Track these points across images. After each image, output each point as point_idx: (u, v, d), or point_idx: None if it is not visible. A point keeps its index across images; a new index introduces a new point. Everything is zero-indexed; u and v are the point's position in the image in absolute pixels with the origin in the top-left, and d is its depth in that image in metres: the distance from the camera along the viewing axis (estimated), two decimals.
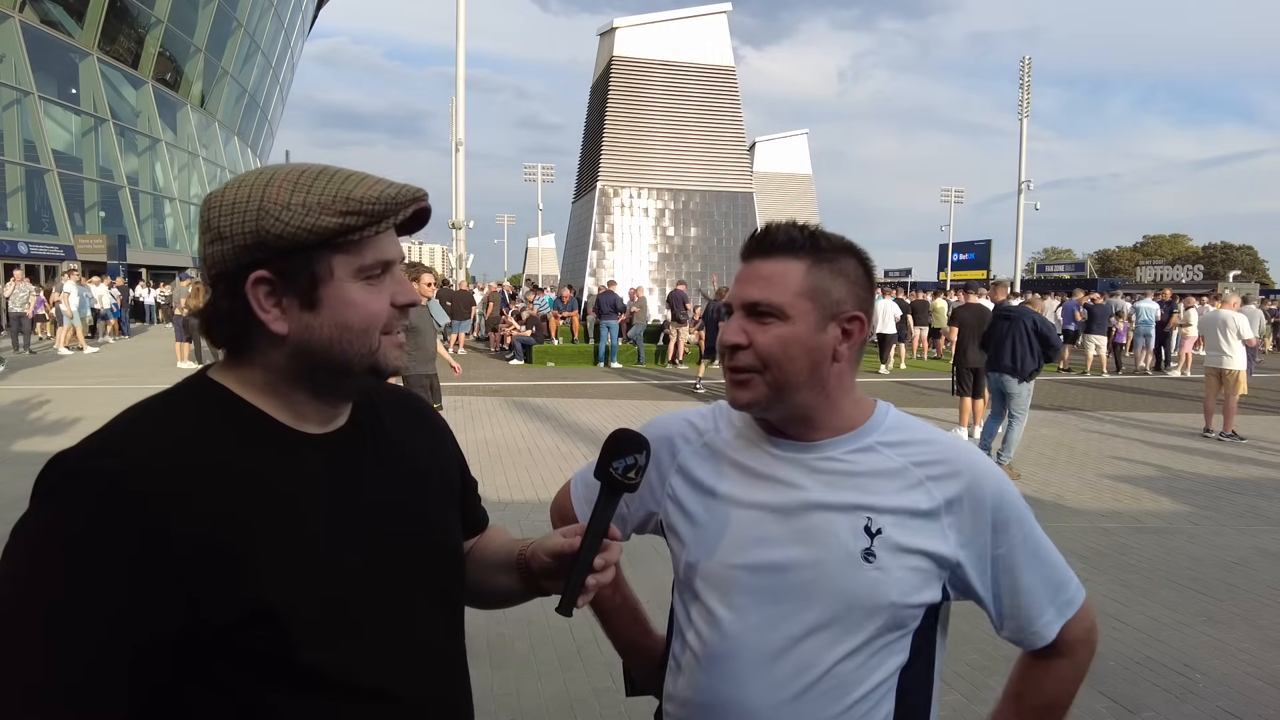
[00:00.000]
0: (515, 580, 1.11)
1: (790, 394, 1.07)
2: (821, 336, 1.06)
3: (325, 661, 0.85)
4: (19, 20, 27.21)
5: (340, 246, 0.86)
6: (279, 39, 48.05)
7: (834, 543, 1.05)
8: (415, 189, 0.90)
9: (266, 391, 0.90)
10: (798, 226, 1.09)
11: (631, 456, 0.99)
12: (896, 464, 1.08)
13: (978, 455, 1.12)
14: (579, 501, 1.30)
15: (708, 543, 1.12)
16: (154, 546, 0.76)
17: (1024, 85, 37.87)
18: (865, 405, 1.14)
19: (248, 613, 0.80)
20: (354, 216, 0.85)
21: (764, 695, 1.05)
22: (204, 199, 0.88)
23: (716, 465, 1.16)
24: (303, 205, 0.84)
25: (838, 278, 1.08)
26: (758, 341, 1.05)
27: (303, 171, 0.87)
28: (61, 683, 0.73)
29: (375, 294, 0.89)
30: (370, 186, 0.86)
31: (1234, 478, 7.38)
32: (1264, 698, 3.33)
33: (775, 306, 1.05)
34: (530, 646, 3.67)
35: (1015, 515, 1.09)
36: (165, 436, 0.83)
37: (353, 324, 0.88)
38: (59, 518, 0.77)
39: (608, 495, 0.99)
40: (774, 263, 1.07)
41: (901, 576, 1.04)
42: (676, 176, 20.19)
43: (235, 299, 0.86)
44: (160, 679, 0.78)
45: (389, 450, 0.99)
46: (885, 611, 1.04)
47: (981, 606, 1.12)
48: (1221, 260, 71.87)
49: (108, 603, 0.75)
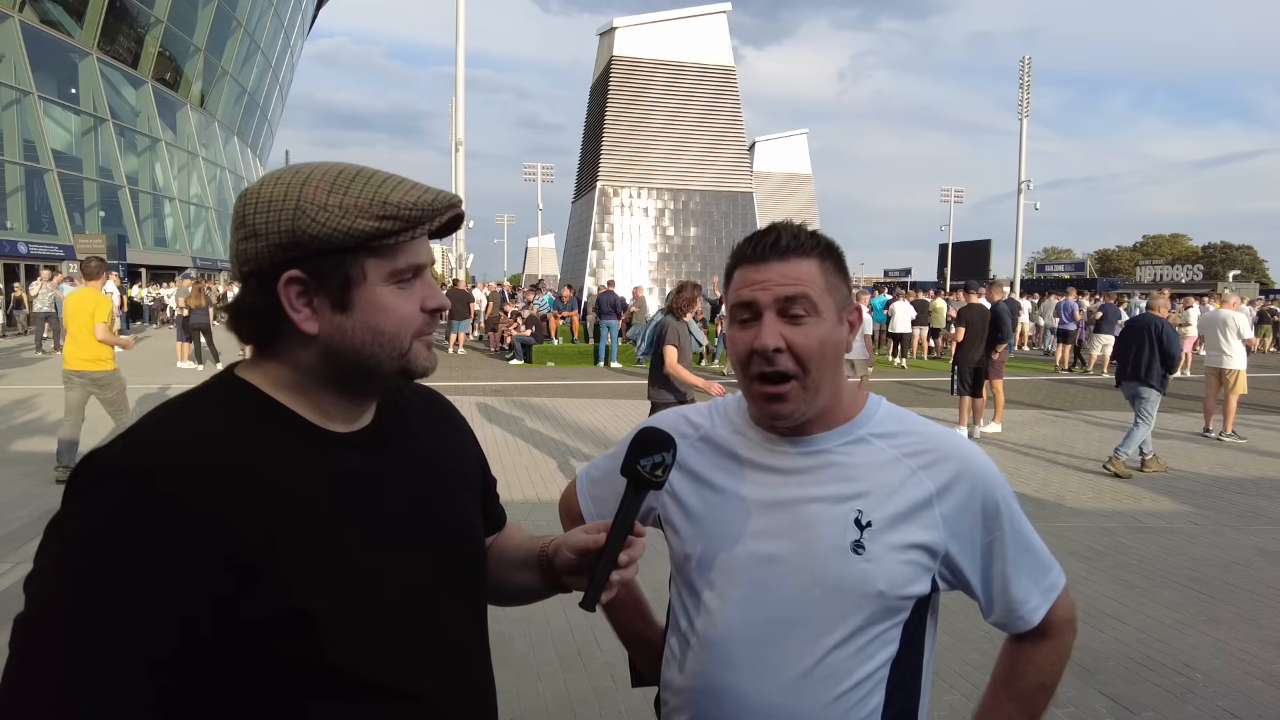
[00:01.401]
0: (536, 578, 1.12)
1: (820, 396, 1.08)
2: (840, 331, 1.10)
3: (354, 661, 0.85)
4: (19, 20, 27.20)
5: (374, 250, 0.86)
6: (279, 39, 48.07)
7: (825, 535, 1.07)
8: (451, 196, 0.90)
9: (294, 390, 0.89)
10: (796, 226, 1.11)
11: (660, 454, 1.01)
12: (888, 455, 1.10)
13: (967, 444, 1.14)
14: (585, 499, 1.32)
15: (704, 536, 1.14)
16: (181, 544, 0.76)
17: (1024, 85, 37.88)
18: (858, 398, 1.16)
19: (277, 613, 0.80)
20: (390, 221, 0.85)
21: (758, 684, 1.07)
22: (239, 193, 0.88)
23: (713, 459, 1.17)
24: (339, 207, 0.83)
25: (840, 274, 1.12)
26: (796, 343, 1.05)
27: (340, 172, 0.86)
28: (84, 685, 0.72)
29: (406, 298, 0.89)
30: (407, 191, 0.86)
31: (1234, 478, 7.38)
32: (1264, 698, 3.33)
33: (811, 303, 1.06)
34: (530, 646, 3.68)
35: (1004, 503, 1.11)
36: (195, 435, 0.83)
37: (384, 328, 0.88)
38: (88, 518, 0.76)
39: (634, 492, 1.00)
40: (793, 263, 1.07)
41: (891, 568, 1.05)
42: (676, 176, 20.19)
43: (267, 297, 0.85)
44: (188, 679, 0.78)
45: (415, 448, 1.00)
46: (874, 601, 1.05)
47: (969, 593, 1.14)
48: (1221, 260, 71.90)
49: (127, 602, 0.74)
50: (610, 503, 1.23)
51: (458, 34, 24.25)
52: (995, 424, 9.52)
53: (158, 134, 36.30)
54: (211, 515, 0.78)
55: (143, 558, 0.75)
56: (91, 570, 0.74)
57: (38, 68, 28.34)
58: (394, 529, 0.92)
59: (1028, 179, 37.38)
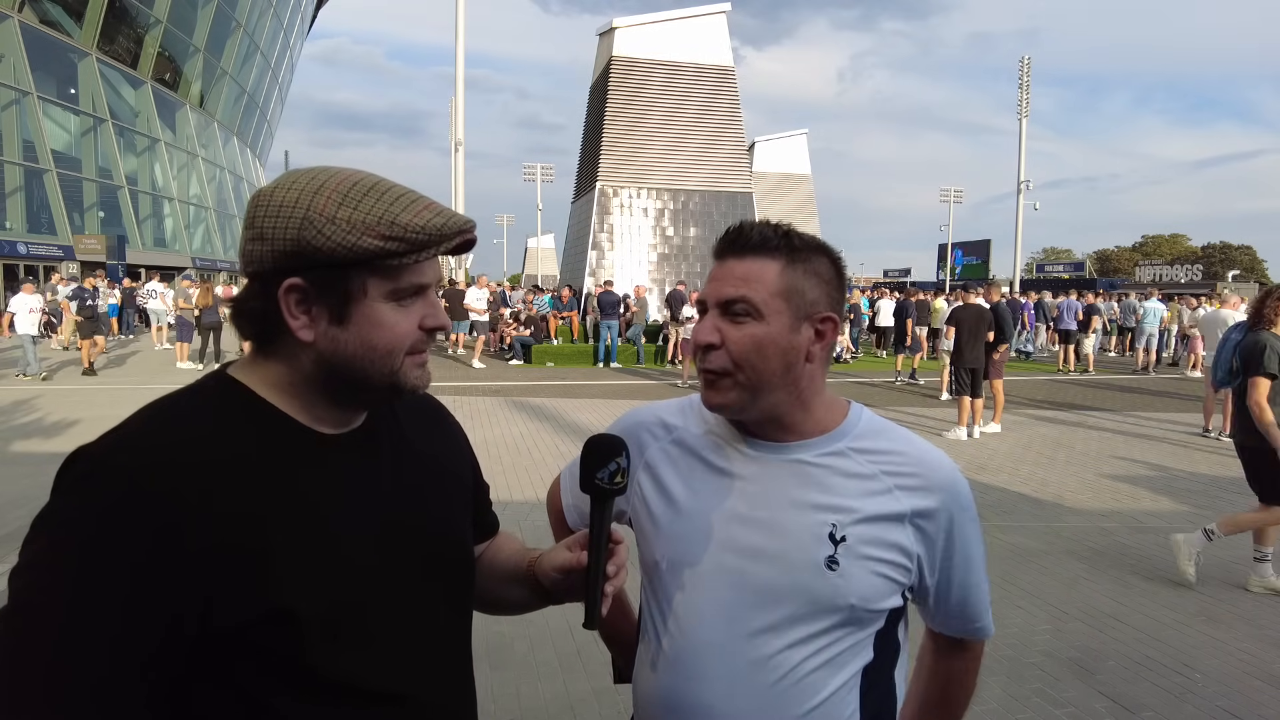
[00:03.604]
0: (526, 592, 1.12)
1: (763, 395, 1.06)
2: (795, 337, 1.05)
3: (337, 663, 0.85)
4: (18, 20, 27.20)
5: (377, 268, 0.85)
6: (278, 39, 48.06)
7: (798, 548, 1.05)
8: (462, 220, 0.89)
9: (287, 392, 0.89)
10: (771, 226, 1.08)
11: (613, 463, 0.99)
12: (867, 470, 1.08)
13: (946, 464, 1.12)
14: (566, 495, 1.32)
15: (673, 543, 1.12)
16: (171, 544, 0.76)
17: (1023, 85, 37.89)
18: (838, 408, 1.14)
19: (265, 612, 0.80)
20: (396, 243, 0.84)
21: (727, 694, 1.06)
22: (253, 193, 0.88)
23: (685, 464, 1.15)
24: (348, 222, 0.83)
25: (811, 278, 1.07)
26: (731, 341, 1.04)
27: (354, 184, 0.85)
28: (74, 682, 0.73)
29: (405, 316, 0.89)
30: (418, 213, 0.85)
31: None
32: (1264, 698, 3.33)
33: (751, 305, 1.04)
34: (530, 646, 3.68)
35: (972, 527, 1.12)
36: (186, 433, 0.83)
37: (378, 344, 0.87)
38: (77, 514, 0.77)
39: (600, 505, 0.99)
40: (749, 262, 1.06)
41: (864, 582, 1.05)
42: (676, 176, 20.18)
43: (267, 300, 0.86)
44: (174, 677, 0.78)
45: (405, 451, 0.99)
46: (846, 614, 1.05)
47: (923, 605, 1.16)
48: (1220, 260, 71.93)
49: (121, 601, 0.75)
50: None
51: (457, 34, 24.25)
52: (995, 424, 9.52)
53: (157, 134, 36.30)
54: (199, 514, 0.78)
55: (131, 555, 0.75)
56: (80, 568, 0.74)
57: (37, 68, 28.34)
58: (382, 531, 0.91)
59: (1027, 179, 37.44)
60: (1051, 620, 4.07)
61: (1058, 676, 3.48)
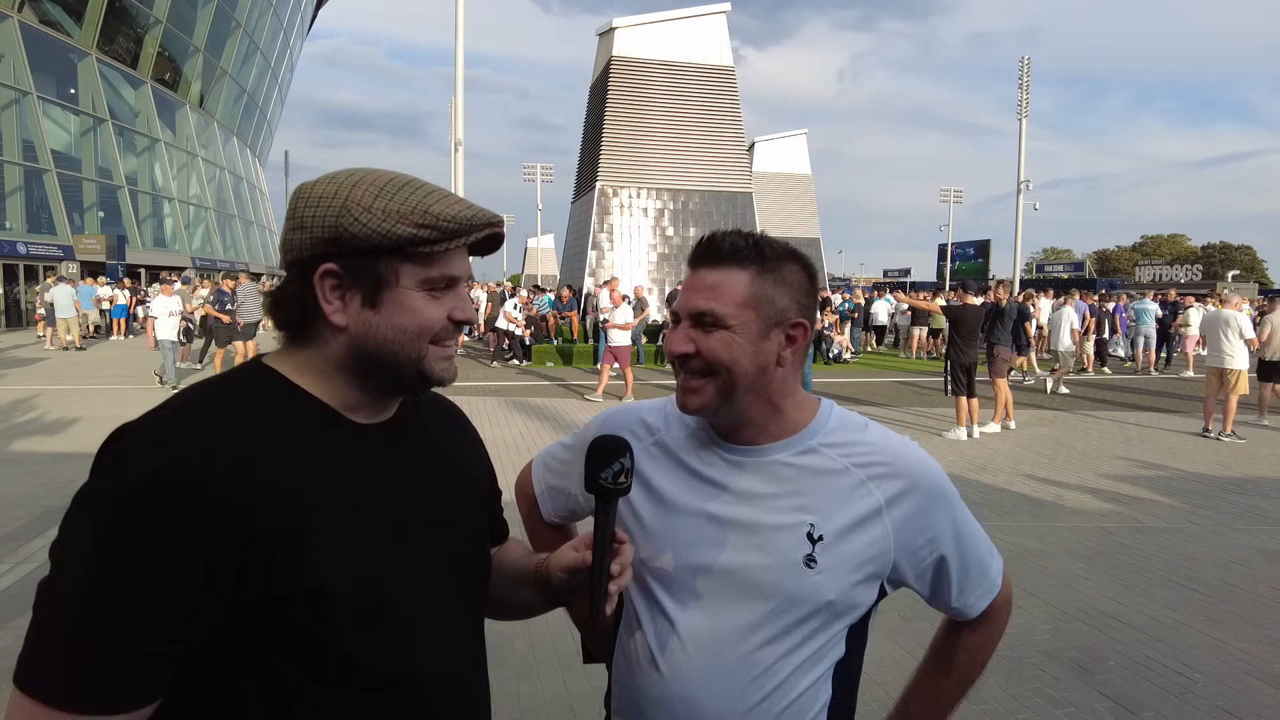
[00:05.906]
0: (533, 594, 1.16)
1: (736, 399, 1.09)
2: (764, 344, 1.08)
3: (359, 643, 0.87)
4: (18, 20, 27.17)
5: (410, 256, 0.90)
6: (278, 39, 48.06)
7: (777, 548, 1.08)
8: (491, 215, 0.93)
9: (320, 378, 0.93)
10: (743, 235, 1.10)
11: (617, 463, 1.02)
12: (838, 465, 1.11)
13: (917, 453, 1.15)
14: (540, 486, 1.37)
15: (655, 543, 1.15)
16: (204, 518, 0.78)
17: (1023, 85, 37.86)
18: (809, 407, 1.17)
19: (292, 589, 0.83)
20: (427, 230, 0.88)
21: (708, 691, 1.09)
22: (295, 188, 0.93)
23: (667, 466, 1.18)
24: (383, 211, 0.87)
25: (781, 286, 1.09)
26: (704, 349, 1.07)
27: (390, 179, 0.90)
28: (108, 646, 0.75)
29: (435, 305, 0.93)
30: (450, 205, 0.90)
31: (1234, 478, 7.39)
32: (1264, 698, 3.34)
33: (718, 316, 1.07)
34: (530, 646, 3.68)
35: (950, 508, 1.14)
36: (225, 413, 0.86)
37: (407, 327, 0.91)
38: (117, 488, 0.79)
39: (605, 505, 1.01)
40: (719, 272, 1.08)
41: (842, 580, 1.08)
42: (676, 176, 20.18)
43: (304, 286, 0.90)
44: (199, 648, 0.81)
45: (430, 450, 1.03)
46: (825, 610, 1.08)
47: (915, 590, 1.17)
48: (1220, 260, 71.95)
49: (156, 570, 0.77)
50: (563, 497, 1.30)
51: (457, 34, 24.23)
52: (994, 424, 9.50)
53: (157, 134, 36.27)
54: (234, 489, 0.80)
55: (165, 528, 0.77)
56: (113, 537, 0.76)
57: (37, 68, 28.31)
58: (408, 519, 0.94)
59: (1027, 179, 37.36)
60: (1051, 620, 4.07)
61: (1058, 676, 3.48)
